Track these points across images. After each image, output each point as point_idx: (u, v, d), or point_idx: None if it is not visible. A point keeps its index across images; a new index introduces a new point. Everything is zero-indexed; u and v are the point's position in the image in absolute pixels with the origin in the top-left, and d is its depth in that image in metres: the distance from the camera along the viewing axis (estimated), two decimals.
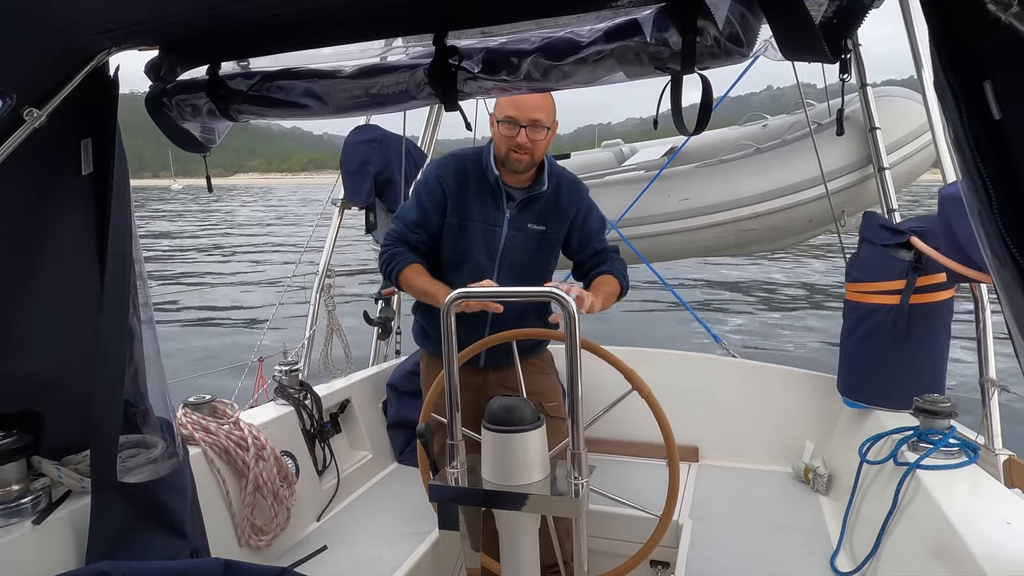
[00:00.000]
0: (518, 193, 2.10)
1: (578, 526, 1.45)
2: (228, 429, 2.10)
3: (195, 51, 1.49)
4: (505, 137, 2.00)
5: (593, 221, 2.23)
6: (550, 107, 2.03)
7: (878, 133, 3.26)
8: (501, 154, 2.03)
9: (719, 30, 1.11)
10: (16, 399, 1.50)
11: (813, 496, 2.53)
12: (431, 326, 2.25)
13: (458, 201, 2.09)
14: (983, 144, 0.77)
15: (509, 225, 2.10)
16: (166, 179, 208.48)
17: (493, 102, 2.16)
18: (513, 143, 1.98)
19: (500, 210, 2.09)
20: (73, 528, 1.51)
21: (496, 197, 2.09)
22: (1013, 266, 0.77)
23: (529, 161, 2.02)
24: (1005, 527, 1.45)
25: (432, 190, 2.11)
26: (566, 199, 2.15)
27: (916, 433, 1.90)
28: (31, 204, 1.46)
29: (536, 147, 2.01)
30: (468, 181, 2.09)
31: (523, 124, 1.96)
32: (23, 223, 1.46)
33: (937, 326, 2.25)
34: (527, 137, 1.97)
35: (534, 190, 2.09)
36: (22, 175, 1.40)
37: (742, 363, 3.16)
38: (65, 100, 1.37)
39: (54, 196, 1.50)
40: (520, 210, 2.10)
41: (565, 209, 2.15)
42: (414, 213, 2.13)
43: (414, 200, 2.16)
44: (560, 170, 2.20)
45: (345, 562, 2.20)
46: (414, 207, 2.15)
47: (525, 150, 1.99)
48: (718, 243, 5.01)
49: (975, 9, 0.70)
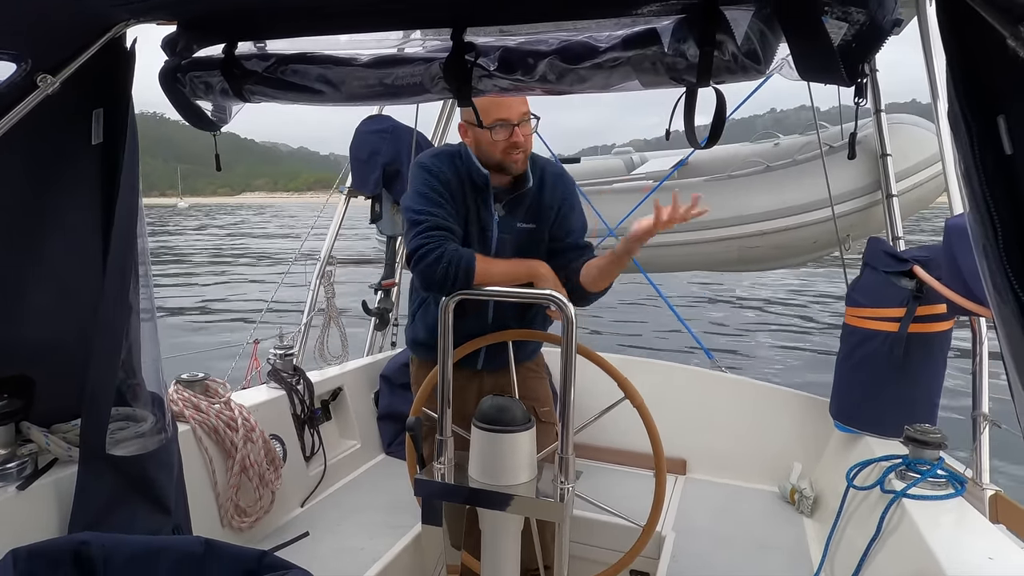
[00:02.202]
0: (504, 193, 2.02)
1: (561, 530, 1.45)
2: (219, 409, 2.10)
3: (212, 29, 1.49)
4: (500, 141, 1.91)
5: (576, 217, 2.11)
6: (525, 97, 1.93)
7: (889, 160, 3.26)
8: (495, 160, 1.94)
9: (737, 45, 1.11)
10: (9, 364, 1.51)
11: (798, 517, 2.53)
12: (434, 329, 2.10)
13: (457, 200, 1.99)
14: (993, 178, 0.77)
15: (499, 227, 2.01)
16: (173, 197, 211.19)
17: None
18: (510, 145, 1.91)
19: (490, 212, 2.01)
20: (58, 496, 1.51)
21: (485, 199, 2.00)
22: (1014, 301, 0.77)
23: (524, 158, 1.97)
24: (987, 562, 1.45)
25: (444, 182, 1.96)
26: (550, 192, 2.06)
27: (905, 462, 1.90)
28: (39, 170, 1.46)
29: (528, 142, 1.95)
30: (462, 180, 2.00)
31: (516, 122, 1.90)
32: (30, 188, 1.46)
33: (935, 356, 2.25)
34: (521, 133, 1.91)
35: (520, 188, 2.01)
36: (32, 141, 1.40)
37: (735, 379, 3.16)
38: (80, 69, 1.37)
39: (62, 164, 1.50)
40: (508, 211, 2.02)
41: (550, 202, 2.06)
42: (437, 204, 1.92)
43: (426, 191, 1.94)
44: (544, 162, 2.11)
45: (326, 549, 2.20)
46: (430, 197, 1.93)
47: (521, 148, 1.93)
48: (722, 258, 5.02)
49: (994, 43, 0.70)
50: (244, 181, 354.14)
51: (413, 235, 1.88)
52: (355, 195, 3.59)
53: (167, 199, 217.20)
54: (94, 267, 1.53)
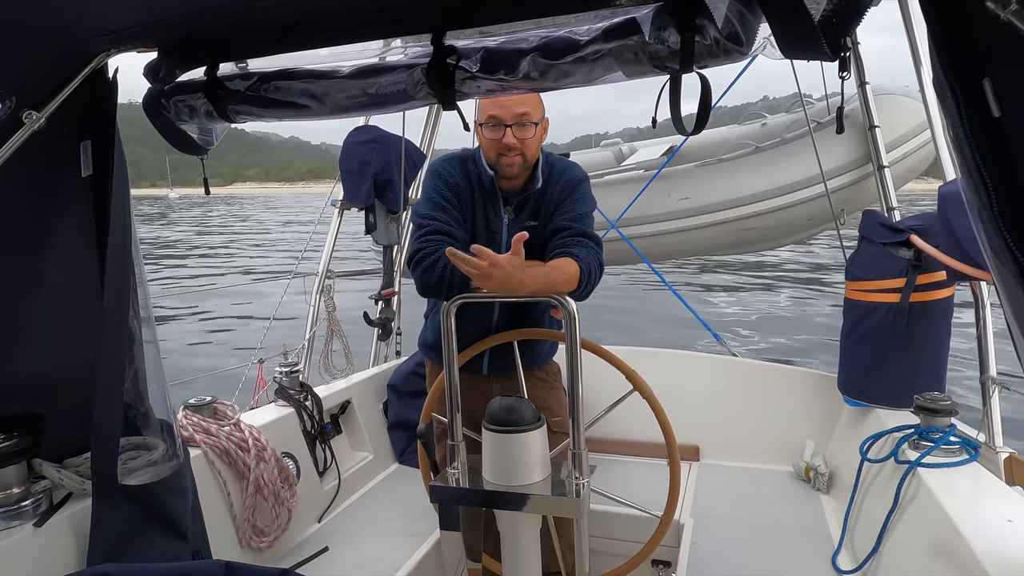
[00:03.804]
0: (513, 196, 1.99)
1: (579, 526, 1.45)
2: (229, 431, 2.10)
3: (193, 52, 1.49)
4: (491, 140, 1.87)
5: (573, 204, 1.97)
6: (536, 100, 1.90)
7: (877, 132, 3.26)
8: (491, 160, 1.91)
9: (718, 29, 1.11)
10: (16, 402, 1.50)
11: (814, 495, 2.53)
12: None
13: (466, 204, 1.99)
14: (982, 142, 0.77)
15: (508, 230, 1.99)
16: (163, 188, 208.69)
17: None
18: (500, 145, 1.86)
19: (499, 215, 1.99)
20: (74, 530, 1.51)
21: (494, 202, 1.99)
22: (1013, 263, 0.77)
23: (521, 163, 1.89)
24: (1006, 525, 1.45)
25: (452, 189, 1.96)
26: (554, 187, 2.00)
27: (917, 431, 1.90)
28: (31, 206, 1.46)
29: (527, 146, 1.87)
30: (472, 185, 1.99)
31: (508, 123, 1.84)
32: (23, 225, 1.46)
33: (937, 324, 2.25)
34: (514, 137, 1.85)
35: (528, 190, 1.98)
36: (22, 178, 1.40)
37: (742, 362, 3.16)
38: (64, 102, 1.36)
39: (54, 198, 1.50)
40: (517, 212, 2.01)
41: (552, 196, 2.00)
42: (442, 208, 1.92)
43: (434, 196, 1.95)
44: (555, 160, 2.06)
45: (347, 563, 2.20)
46: (436, 202, 1.93)
47: (515, 151, 1.87)
48: (718, 242, 5.02)
49: (974, 7, 0.70)
50: (235, 171, 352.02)
51: (415, 239, 1.89)
52: (347, 207, 3.59)
53: (157, 190, 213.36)
54: (93, 297, 1.53)
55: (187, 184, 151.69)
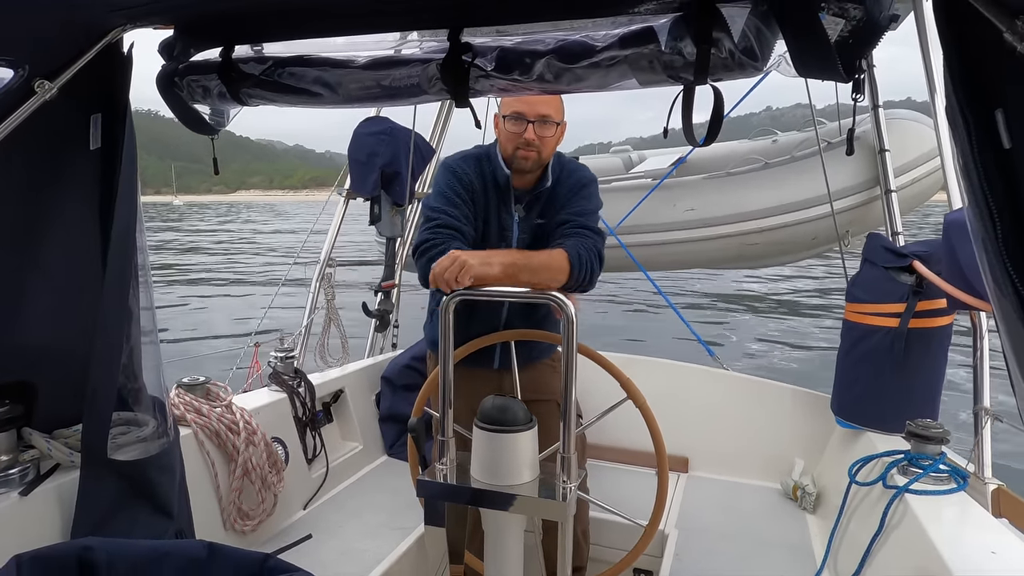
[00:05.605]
0: (525, 195, 2.04)
1: (563, 530, 1.44)
2: (220, 412, 2.10)
3: (209, 33, 1.49)
4: (512, 134, 1.92)
5: (581, 200, 2.02)
6: (558, 104, 1.96)
7: (887, 155, 3.26)
8: (507, 153, 1.96)
9: (734, 43, 1.11)
10: (10, 370, 1.51)
11: (800, 514, 2.52)
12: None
13: (479, 202, 2.02)
14: (991, 172, 0.77)
15: (519, 228, 2.04)
16: (168, 195, 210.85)
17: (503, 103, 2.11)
18: (520, 140, 1.91)
19: (510, 213, 2.03)
20: (60, 502, 1.51)
21: (506, 199, 2.03)
22: (1014, 295, 0.77)
23: (536, 159, 1.95)
24: (990, 556, 1.44)
25: (466, 187, 1.99)
26: (563, 186, 2.05)
27: (907, 457, 1.90)
28: (37, 176, 1.46)
29: (544, 144, 1.93)
30: (486, 183, 2.02)
31: (531, 119, 1.90)
32: (28, 194, 1.46)
33: (935, 351, 2.25)
34: (535, 133, 1.90)
35: (539, 188, 2.03)
36: (30, 146, 1.40)
37: (736, 376, 3.16)
38: (77, 74, 1.37)
39: (60, 169, 1.50)
40: (527, 211, 2.05)
41: (560, 194, 2.05)
42: (453, 204, 1.95)
43: (446, 191, 1.98)
44: (567, 161, 2.11)
45: (330, 552, 2.20)
46: (448, 197, 1.96)
47: (533, 147, 1.92)
48: (722, 255, 5.01)
49: (991, 38, 0.70)
50: (239, 179, 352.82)
51: (423, 230, 1.93)
52: (353, 197, 3.59)
53: (162, 197, 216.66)
54: (94, 272, 1.53)
55: (191, 191, 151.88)
